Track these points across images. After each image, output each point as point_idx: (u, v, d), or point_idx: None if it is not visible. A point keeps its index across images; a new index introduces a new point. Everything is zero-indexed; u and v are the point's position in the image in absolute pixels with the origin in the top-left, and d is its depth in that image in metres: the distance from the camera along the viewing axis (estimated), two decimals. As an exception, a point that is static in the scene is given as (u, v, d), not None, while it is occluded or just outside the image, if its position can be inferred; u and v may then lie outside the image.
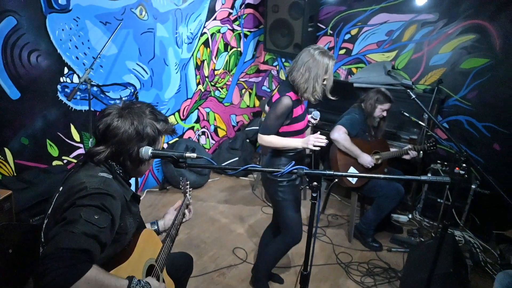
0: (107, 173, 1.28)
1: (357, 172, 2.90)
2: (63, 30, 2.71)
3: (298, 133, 2.14)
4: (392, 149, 3.13)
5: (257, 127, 4.64)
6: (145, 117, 1.34)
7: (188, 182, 1.97)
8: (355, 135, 2.94)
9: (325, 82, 2.06)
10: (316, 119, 2.22)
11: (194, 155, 1.22)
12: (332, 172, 1.14)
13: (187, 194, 1.92)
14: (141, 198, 3.54)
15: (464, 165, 1.92)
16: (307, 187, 3.50)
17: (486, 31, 3.44)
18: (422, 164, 3.54)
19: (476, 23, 3.49)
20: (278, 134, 2.11)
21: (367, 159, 2.89)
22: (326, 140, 1.98)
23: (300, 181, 2.28)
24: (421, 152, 3.08)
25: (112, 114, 1.32)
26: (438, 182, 1.02)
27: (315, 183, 1.14)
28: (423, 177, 1.05)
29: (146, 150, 1.27)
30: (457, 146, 2.01)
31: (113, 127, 1.29)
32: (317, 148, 1.96)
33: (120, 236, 1.29)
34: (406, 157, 3.06)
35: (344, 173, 2.11)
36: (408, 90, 2.08)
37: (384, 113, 2.99)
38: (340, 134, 2.85)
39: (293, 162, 1.17)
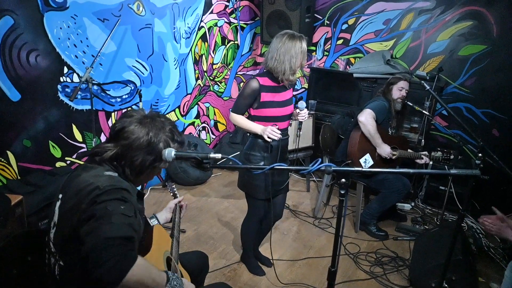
0: (112, 171, 1.25)
1: (371, 160, 2.92)
2: (61, 28, 2.64)
3: (271, 120, 2.19)
4: (409, 150, 3.16)
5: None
6: (163, 132, 1.30)
7: (174, 185, 2.00)
8: (381, 121, 2.96)
9: (303, 62, 2.15)
10: (302, 110, 2.21)
11: (219, 155, 1.20)
12: (360, 169, 1.14)
13: (177, 194, 1.94)
14: (145, 196, 3.52)
15: (480, 155, 1.94)
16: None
17: (483, 18, 3.46)
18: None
19: (473, 10, 3.51)
20: (251, 117, 2.23)
21: (386, 150, 2.91)
22: (280, 136, 2.10)
23: (280, 173, 2.34)
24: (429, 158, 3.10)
25: (133, 117, 1.29)
26: (468, 176, 1.03)
27: (343, 180, 1.14)
28: (452, 171, 1.05)
29: (170, 152, 1.24)
30: (473, 137, 2.02)
31: (128, 130, 1.26)
32: (270, 140, 2.11)
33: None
34: (419, 161, 3.09)
35: (373, 169, 2.17)
36: (423, 82, 2.08)
37: (403, 92, 3.03)
38: (367, 118, 2.87)
39: (320, 160, 1.16)
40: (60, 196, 1.25)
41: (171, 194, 1.95)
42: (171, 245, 1.56)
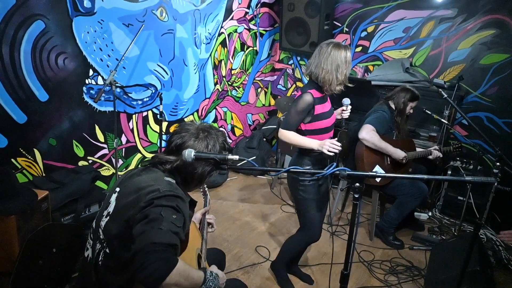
0: (171, 178, 1.35)
1: (383, 170, 2.90)
2: (88, 32, 2.76)
3: (323, 132, 2.15)
4: (418, 149, 3.13)
5: (274, 126, 4.66)
6: (218, 144, 1.43)
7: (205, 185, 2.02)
8: (383, 133, 2.93)
9: (346, 73, 2.08)
10: (347, 107, 2.17)
11: (237, 157, 1.24)
12: (374, 173, 1.16)
13: (207, 191, 1.99)
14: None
15: (498, 164, 1.91)
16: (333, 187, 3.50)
17: (506, 26, 3.41)
18: (442, 162, 3.53)
19: (496, 18, 3.46)
20: (301, 131, 2.14)
21: (400, 154, 2.88)
22: (340, 148, 1.99)
23: (325, 181, 2.29)
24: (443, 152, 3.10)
25: (189, 131, 1.40)
26: (485, 183, 1.03)
27: (357, 184, 1.16)
28: (467, 178, 1.06)
29: (189, 152, 1.29)
30: (491, 146, 2.00)
31: (188, 145, 1.37)
32: (331, 154, 1.98)
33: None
34: (431, 157, 3.06)
35: (388, 174, 2.16)
36: (440, 90, 2.07)
37: (411, 110, 3.03)
38: (368, 133, 2.84)
39: (334, 164, 1.18)
40: (118, 189, 1.37)
41: (201, 190, 2.00)
42: (201, 243, 1.66)
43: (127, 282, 1.24)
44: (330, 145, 1.97)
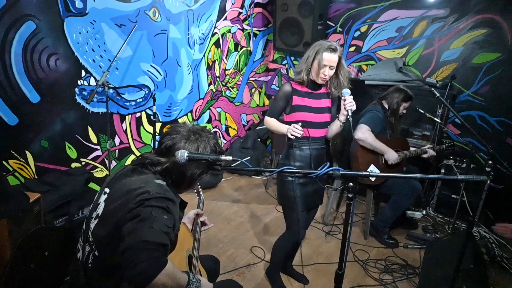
0: (161, 180, 1.33)
1: (377, 169, 2.91)
2: (80, 33, 2.73)
3: (303, 126, 2.11)
4: (412, 148, 3.14)
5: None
6: (209, 147, 1.41)
7: (199, 183, 1.99)
8: (377, 133, 2.95)
9: (323, 70, 2.06)
10: (345, 98, 2.12)
11: (230, 158, 1.24)
12: (368, 173, 1.16)
13: (201, 192, 1.99)
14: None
15: (490, 162, 1.93)
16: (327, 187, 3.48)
17: (498, 25, 3.44)
18: (435, 160, 3.55)
19: (487, 18, 3.49)
20: (285, 124, 2.19)
21: (394, 156, 2.89)
22: (302, 132, 2.02)
23: (310, 181, 2.25)
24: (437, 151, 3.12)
25: (181, 133, 1.38)
26: (477, 181, 1.03)
27: (350, 183, 1.16)
28: (460, 177, 1.06)
29: (182, 153, 1.28)
30: (484, 144, 2.01)
31: (179, 147, 1.35)
32: (292, 137, 2.05)
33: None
34: (425, 156, 3.08)
35: (381, 174, 2.16)
36: (432, 89, 2.08)
37: (405, 111, 3.04)
38: (364, 133, 2.85)
39: (328, 164, 1.18)
40: (107, 190, 1.34)
41: (195, 191, 1.99)
42: (193, 243, 1.64)
43: (116, 284, 1.23)
44: (292, 129, 2.02)
